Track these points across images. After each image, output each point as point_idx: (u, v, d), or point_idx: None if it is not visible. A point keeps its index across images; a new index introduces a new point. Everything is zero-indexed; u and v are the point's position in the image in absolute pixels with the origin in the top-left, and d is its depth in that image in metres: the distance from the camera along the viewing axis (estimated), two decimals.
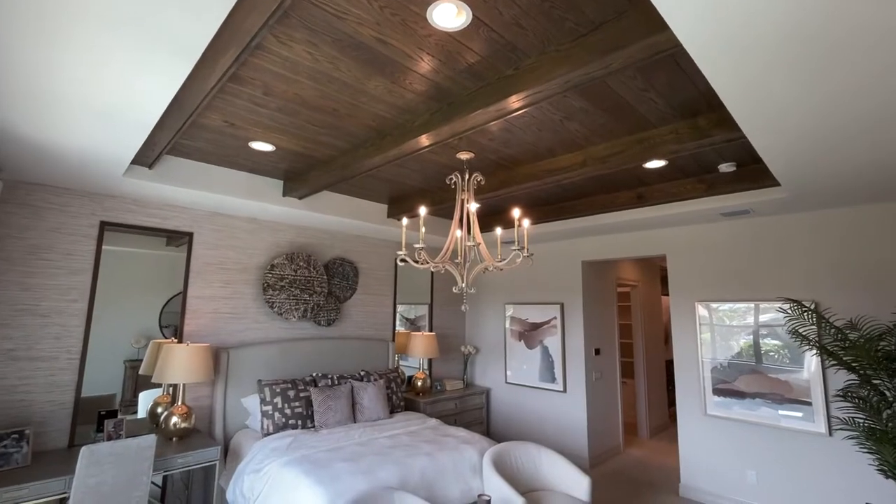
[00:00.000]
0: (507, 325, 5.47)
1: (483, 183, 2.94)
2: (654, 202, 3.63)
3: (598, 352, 4.99)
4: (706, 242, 4.00)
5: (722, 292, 3.87)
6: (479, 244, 2.59)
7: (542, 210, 4.33)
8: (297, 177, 3.49)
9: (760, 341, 3.62)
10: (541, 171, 3.09)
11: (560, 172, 2.98)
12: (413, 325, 5.38)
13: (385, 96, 2.21)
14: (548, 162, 3.06)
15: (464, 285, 2.79)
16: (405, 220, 2.85)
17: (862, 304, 3.18)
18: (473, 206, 2.62)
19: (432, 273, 5.63)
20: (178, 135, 2.38)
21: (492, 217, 4.79)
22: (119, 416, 3.23)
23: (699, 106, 2.28)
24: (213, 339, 3.72)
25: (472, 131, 2.38)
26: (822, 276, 3.37)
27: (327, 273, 4.49)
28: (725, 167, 3.11)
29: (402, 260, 2.68)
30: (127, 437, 3.05)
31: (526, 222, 2.76)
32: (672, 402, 6.83)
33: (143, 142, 2.25)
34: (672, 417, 6.71)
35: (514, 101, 1.98)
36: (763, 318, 3.62)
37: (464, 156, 2.94)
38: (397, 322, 5.18)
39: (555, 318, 5.01)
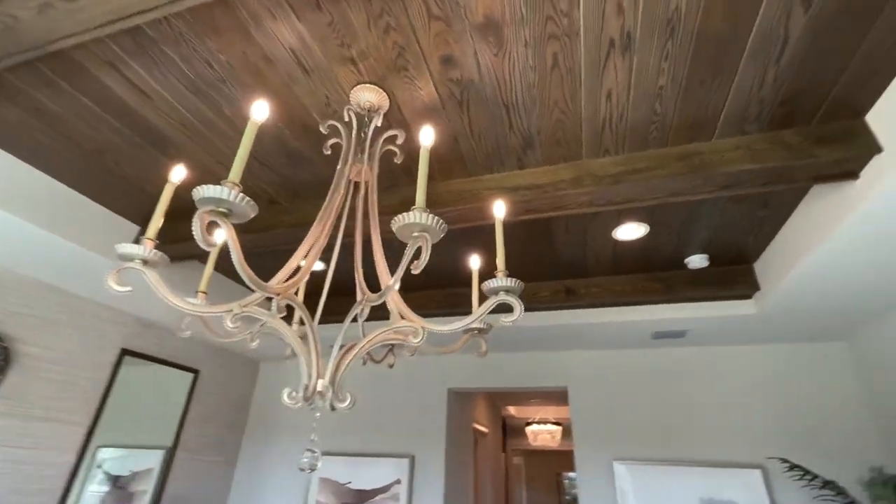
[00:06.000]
0: (313, 494, 3.21)
1: (399, 155, 1.33)
2: (588, 302, 2.55)
3: None
4: (626, 375, 3.02)
5: (649, 449, 2.78)
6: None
7: (420, 296, 2.80)
8: None
9: None
10: (489, 189, 1.70)
11: (527, 192, 1.64)
12: (121, 489, 2.66)
13: None
14: (508, 176, 1.70)
15: (322, 383, 0.94)
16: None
17: (824, 470, 2.44)
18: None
19: (196, 374, 3.17)
20: None
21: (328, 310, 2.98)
22: None
23: (804, 108, 1.37)
24: None
25: None
26: (770, 433, 2.61)
27: None
28: (697, 261, 2.30)
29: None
30: None
31: (501, 207, 1.14)
32: None
33: None
34: None
35: None
36: (705, 488, 2.59)
37: (366, 93, 1.35)
38: (95, 483, 2.46)
39: (398, 481, 3.09)
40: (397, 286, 1.02)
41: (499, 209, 1.10)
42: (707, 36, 1.16)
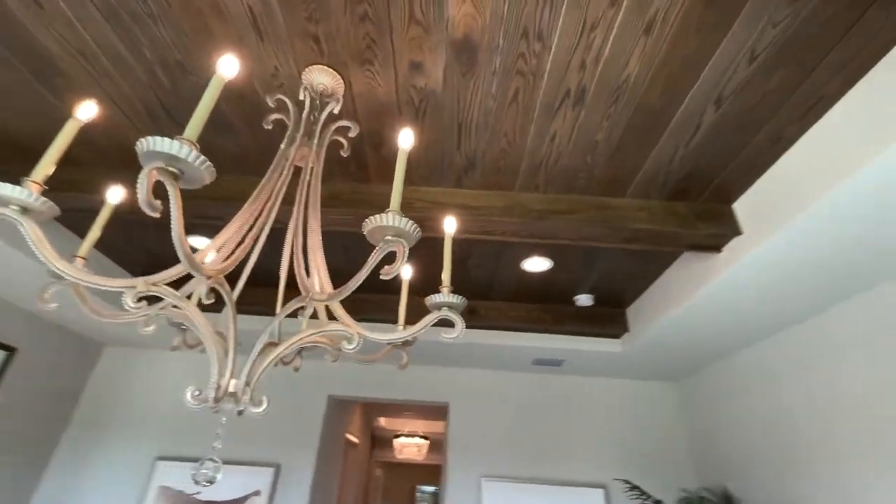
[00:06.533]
0: (151, 501, 2.77)
1: (346, 148, 1.25)
2: (485, 323, 2.67)
3: None
4: (504, 396, 3.20)
5: (516, 468, 2.96)
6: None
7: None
8: None
9: None
10: (424, 201, 1.70)
11: (461, 211, 1.68)
12: None
13: None
14: (445, 192, 1.72)
15: (235, 383, 0.83)
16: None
17: (657, 490, 2.86)
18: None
19: (12, 352, 2.56)
20: None
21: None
22: None
23: (696, 187, 1.64)
24: None
25: None
26: (617, 456, 2.98)
27: None
28: (584, 299, 2.56)
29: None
30: None
31: (451, 223, 1.12)
32: None
33: None
34: None
35: None
36: None
37: (323, 76, 1.26)
38: None
39: (256, 493, 2.83)
40: (334, 287, 0.96)
41: (449, 225, 1.11)
42: (644, 108, 1.34)
